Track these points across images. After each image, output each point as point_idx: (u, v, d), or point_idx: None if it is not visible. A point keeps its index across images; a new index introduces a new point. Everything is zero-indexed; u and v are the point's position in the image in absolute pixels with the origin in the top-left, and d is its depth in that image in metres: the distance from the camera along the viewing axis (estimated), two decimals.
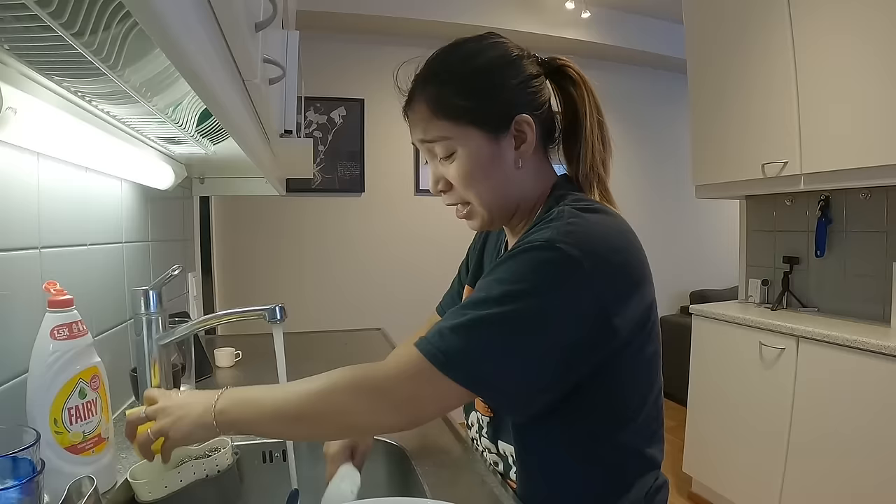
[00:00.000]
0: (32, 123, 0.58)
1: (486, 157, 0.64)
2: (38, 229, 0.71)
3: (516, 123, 0.64)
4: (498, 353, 0.55)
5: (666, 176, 3.67)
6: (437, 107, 0.64)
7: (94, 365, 0.63)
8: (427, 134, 0.65)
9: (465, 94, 0.63)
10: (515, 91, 0.64)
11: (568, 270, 0.54)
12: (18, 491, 0.45)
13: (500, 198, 0.67)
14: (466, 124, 0.63)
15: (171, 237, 1.45)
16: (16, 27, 0.40)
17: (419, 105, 0.66)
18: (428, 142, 0.66)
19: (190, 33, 0.36)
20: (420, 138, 0.67)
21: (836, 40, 1.70)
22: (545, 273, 0.55)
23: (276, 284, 2.99)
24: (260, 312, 0.76)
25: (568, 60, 0.68)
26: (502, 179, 0.66)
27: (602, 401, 0.62)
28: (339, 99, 3.07)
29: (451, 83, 0.64)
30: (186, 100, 0.66)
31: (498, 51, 0.65)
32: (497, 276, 0.57)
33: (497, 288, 0.56)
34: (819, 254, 2.04)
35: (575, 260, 0.54)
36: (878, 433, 1.50)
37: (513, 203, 0.68)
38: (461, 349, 0.55)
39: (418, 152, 3.19)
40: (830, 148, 1.73)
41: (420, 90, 0.66)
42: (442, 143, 0.64)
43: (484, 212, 0.67)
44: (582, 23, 3.17)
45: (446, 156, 0.65)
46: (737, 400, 1.99)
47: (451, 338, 0.55)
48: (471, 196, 0.66)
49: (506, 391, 0.56)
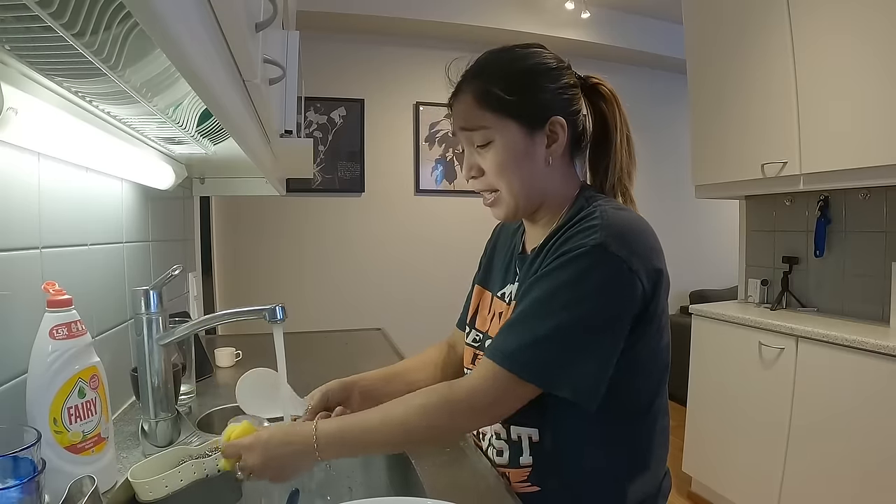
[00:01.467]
0: (33, 124, 0.58)
1: (520, 150, 0.70)
2: (39, 229, 0.71)
3: (550, 123, 0.70)
4: (577, 356, 0.62)
5: (665, 176, 3.67)
6: (483, 98, 0.70)
7: (93, 364, 0.63)
8: (469, 122, 0.71)
9: (509, 90, 0.69)
10: (553, 94, 0.70)
11: (620, 272, 0.62)
12: (19, 490, 0.45)
13: (527, 189, 0.71)
14: (506, 117, 0.69)
15: (172, 237, 1.45)
16: (17, 28, 0.40)
17: (465, 96, 0.71)
18: (469, 129, 0.71)
19: (190, 34, 0.36)
20: (462, 126, 0.72)
21: (835, 41, 1.70)
22: (603, 276, 0.62)
23: (276, 284, 3.00)
24: (260, 312, 0.76)
25: (601, 79, 0.76)
26: (532, 173, 0.71)
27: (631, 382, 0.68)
28: (339, 99, 3.07)
29: (498, 79, 0.70)
30: (187, 100, 0.66)
31: (542, 58, 0.72)
32: (561, 281, 0.63)
33: (563, 294, 0.62)
34: (818, 254, 2.04)
35: (625, 261, 0.61)
36: (878, 433, 1.50)
37: (538, 198, 0.73)
38: (547, 362, 0.62)
39: (418, 152, 3.20)
40: (830, 148, 1.73)
41: (468, 83, 0.72)
42: (482, 131, 0.70)
43: (511, 200, 0.72)
44: (582, 23, 3.18)
45: (483, 144, 0.70)
46: (736, 399, 1.99)
47: (534, 350, 0.62)
48: (501, 184, 0.71)
49: (586, 387, 0.63)
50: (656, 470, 0.73)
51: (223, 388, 1.20)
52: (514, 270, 0.80)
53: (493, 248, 0.90)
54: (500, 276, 0.83)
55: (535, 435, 0.70)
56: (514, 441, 0.73)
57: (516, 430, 0.72)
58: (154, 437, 0.80)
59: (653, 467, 0.72)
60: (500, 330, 0.68)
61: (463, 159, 0.75)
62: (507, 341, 0.64)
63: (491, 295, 0.84)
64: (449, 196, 3.29)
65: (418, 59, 3.19)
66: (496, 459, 0.76)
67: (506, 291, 0.80)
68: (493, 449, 0.76)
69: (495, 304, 0.82)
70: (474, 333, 0.85)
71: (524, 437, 0.71)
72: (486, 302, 0.85)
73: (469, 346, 0.85)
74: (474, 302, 0.87)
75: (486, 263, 0.89)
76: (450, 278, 3.04)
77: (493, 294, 0.83)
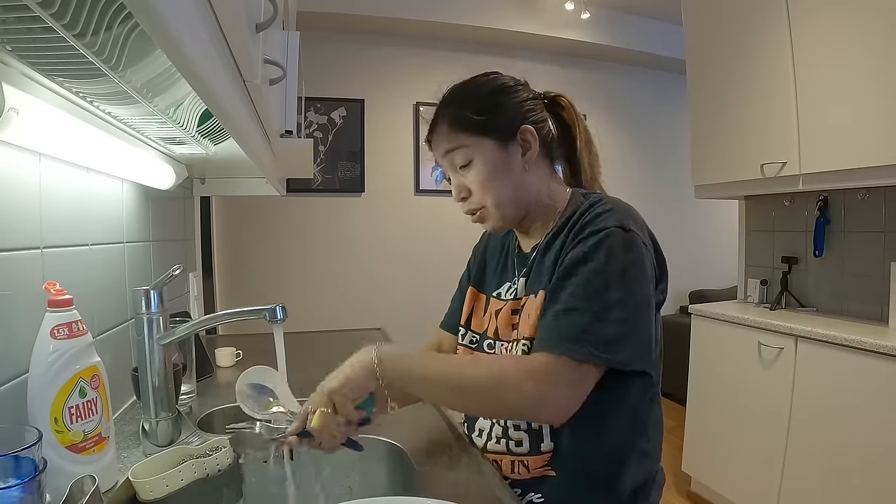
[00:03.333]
0: (34, 124, 0.58)
1: (498, 162, 0.76)
2: (40, 229, 0.71)
3: (521, 132, 0.77)
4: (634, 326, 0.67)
5: (665, 176, 3.67)
6: (457, 122, 0.77)
7: (93, 364, 0.63)
8: (449, 144, 0.78)
9: (478, 111, 0.76)
10: (517, 107, 0.78)
11: (640, 247, 0.69)
12: (21, 490, 0.45)
13: (512, 199, 0.77)
14: (481, 135, 0.76)
15: (172, 237, 1.45)
16: (18, 28, 0.41)
17: (442, 126, 0.79)
18: (450, 151, 0.78)
19: (191, 34, 0.36)
20: (443, 151, 0.79)
21: (834, 42, 1.71)
22: (631, 251, 0.68)
23: (276, 284, 3.00)
24: (260, 312, 0.77)
25: (560, 93, 0.84)
26: (513, 182, 0.77)
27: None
28: (339, 99, 3.07)
29: (467, 104, 0.77)
30: (187, 100, 0.66)
31: (501, 80, 0.80)
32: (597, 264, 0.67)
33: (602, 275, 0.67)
34: (817, 254, 2.04)
35: (641, 237, 0.69)
36: (877, 432, 1.50)
37: (523, 205, 0.79)
38: (611, 339, 0.65)
39: (418, 152, 3.21)
40: (829, 148, 1.73)
41: (442, 115, 0.79)
42: (461, 151, 0.77)
43: (497, 212, 0.78)
44: (581, 23, 3.18)
45: (465, 164, 0.77)
46: (736, 399, 1.99)
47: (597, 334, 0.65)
48: (487, 199, 0.77)
49: (648, 352, 0.69)
50: (656, 455, 0.78)
51: (224, 387, 1.20)
52: (511, 269, 0.83)
53: (483, 252, 0.93)
54: (496, 277, 0.86)
55: None
56: (535, 430, 0.75)
57: None
58: (155, 436, 0.80)
59: (654, 452, 0.76)
60: (544, 324, 0.69)
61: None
62: (564, 331, 0.66)
63: (486, 297, 0.87)
64: (449, 196, 3.25)
65: (418, 59, 3.19)
66: (515, 450, 0.76)
67: (502, 290, 0.83)
68: (512, 441, 0.77)
69: (492, 304, 0.84)
70: (470, 335, 0.86)
71: (545, 425, 0.74)
72: (480, 304, 0.87)
73: (466, 347, 0.86)
74: (468, 304, 0.89)
75: (478, 266, 0.92)
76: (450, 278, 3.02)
77: (489, 295, 0.86)
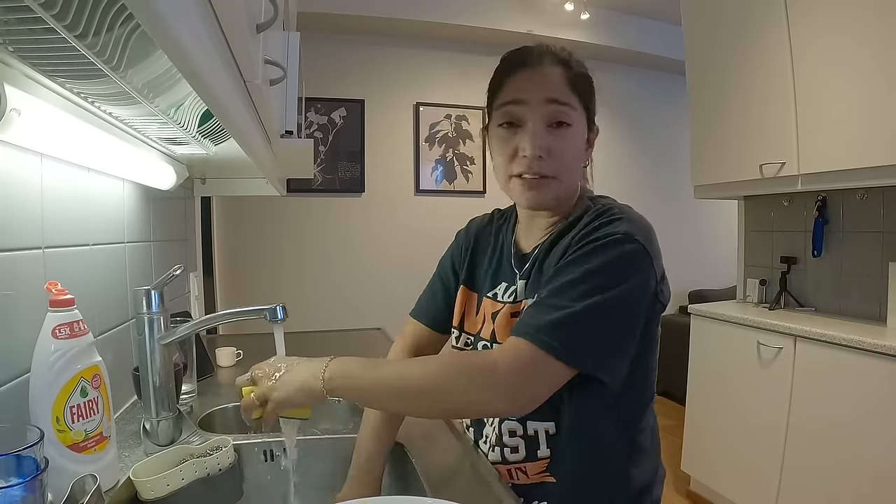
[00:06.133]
0: (36, 124, 0.58)
1: (582, 143, 0.74)
2: (42, 229, 0.71)
3: (595, 128, 0.76)
4: (608, 337, 0.64)
5: (664, 176, 3.68)
6: (573, 80, 0.72)
7: (95, 364, 0.64)
8: (560, 95, 0.70)
9: (587, 87, 0.74)
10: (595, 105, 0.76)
11: (644, 258, 0.66)
12: (22, 489, 0.45)
13: (574, 184, 0.76)
14: (583, 108, 0.73)
15: (173, 237, 1.45)
16: (20, 29, 0.41)
17: (555, 70, 0.71)
18: (559, 103, 0.70)
19: (191, 35, 0.36)
20: (552, 97, 0.70)
21: (832, 43, 1.71)
22: (631, 262, 0.65)
23: (276, 284, 3.00)
24: (261, 312, 0.77)
25: None
26: (579, 166, 0.76)
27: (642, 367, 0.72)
28: (339, 100, 3.07)
29: (584, 72, 0.74)
30: (188, 101, 0.66)
31: None
32: (592, 266, 0.64)
33: (593, 278, 0.64)
34: (816, 254, 2.05)
35: (646, 249, 0.66)
36: (875, 431, 1.50)
37: (572, 193, 0.76)
38: (580, 340, 0.62)
39: (418, 152, 3.20)
40: (827, 148, 1.73)
41: (557, 62, 0.72)
42: (568, 110, 0.70)
43: (561, 189, 0.73)
44: (581, 24, 3.18)
45: (561, 124, 0.70)
46: (735, 399, 2.00)
47: (567, 330, 0.62)
48: (564, 171, 0.72)
49: (615, 366, 0.66)
50: (655, 456, 0.77)
51: (224, 387, 1.20)
52: (508, 270, 0.79)
53: (471, 249, 0.86)
54: (489, 276, 0.81)
55: (552, 428, 0.72)
56: (531, 436, 0.73)
57: (532, 425, 0.73)
58: (156, 436, 0.81)
59: (652, 453, 0.76)
60: (526, 310, 0.68)
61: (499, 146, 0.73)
62: (537, 319, 0.64)
63: (478, 296, 0.82)
64: (449, 196, 3.29)
65: (418, 59, 3.19)
66: (510, 457, 0.75)
67: (499, 292, 0.79)
68: (506, 448, 0.75)
69: (485, 304, 0.80)
70: (465, 337, 0.83)
71: (541, 431, 0.72)
72: (472, 303, 0.83)
73: (461, 349, 0.83)
74: (460, 304, 0.84)
75: (468, 265, 0.86)
76: None
77: (482, 295, 0.81)
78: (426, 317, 0.88)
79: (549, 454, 0.72)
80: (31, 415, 0.59)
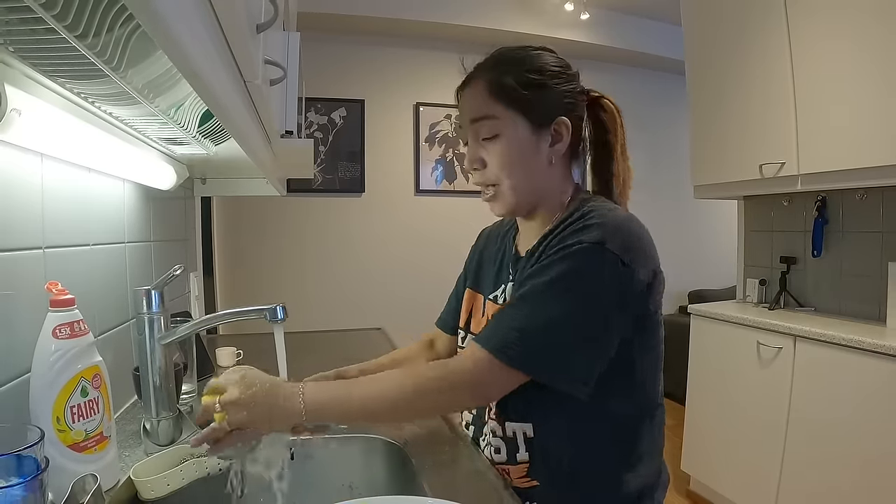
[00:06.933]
0: (36, 125, 0.58)
1: (525, 145, 0.71)
2: (42, 229, 0.71)
3: (556, 123, 0.72)
4: (565, 347, 0.63)
5: (664, 176, 3.67)
6: (495, 89, 0.71)
7: (95, 364, 0.64)
8: (479, 112, 0.71)
9: (522, 85, 0.70)
10: (562, 96, 0.72)
11: (617, 268, 0.62)
12: (23, 488, 0.45)
13: (528, 186, 0.73)
14: (517, 111, 0.70)
15: (173, 237, 1.45)
16: (21, 29, 0.41)
17: (477, 86, 0.72)
18: (478, 120, 0.72)
19: (192, 35, 0.36)
20: (471, 116, 0.72)
21: (832, 45, 1.71)
22: (601, 271, 0.63)
23: (276, 284, 3.00)
24: (261, 312, 0.77)
25: (605, 94, 0.78)
26: (534, 170, 0.72)
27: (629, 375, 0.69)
28: (339, 100, 3.08)
29: (512, 73, 0.71)
30: (188, 101, 0.66)
31: (554, 61, 0.74)
32: (557, 274, 0.63)
33: (558, 286, 0.63)
34: (816, 254, 2.05)
35: (622, 258, 0.63)
36: (875, 432, 1.50)
37: (537, 196, 0.74)
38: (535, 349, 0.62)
39: (418, 152, 3.21)
40: (827, 149, 1.73)
41: (481, 74, 0.72)
42: (491, 122, 0.71)
43: (511, 196, 0.73)
44: (581, 24, 3.18)
45: (490, 136, 0.71)
46: (735, 398, 2.00)
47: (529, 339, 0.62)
48: (504, 178, 0.72)
49: (573, 375, 0.64)
50: (654, 461, 0.74)
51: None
52: (507, 272, 0.81)
53: (481, 252, 0.91)
54: (492, 279, 0.83)
55: (530, 430, 0.71)
56: (510, 438, 0.73)
57: (511, 426, 0.73)
58: (156, 435, 0.81)
59: (649, 458, 0.73)
60: (493, 315, 0.69)
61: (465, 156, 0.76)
62: (495, 327, 0.65)
63: (483, 298, 0.84)
64: (449, 196, 3.29)
65: (418, 59, 3.19)
66: (495, 457, 0.76)
67: (498, 293, 0.80)
68: (491, 447, 0.77)
69: (488, 307, 0.82)
70: (470, 338, 0.85)
71: (519, 434, 0.72)
72: (478, 305, 0.85)
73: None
74: (466, 306, 0.87)
75: (475, 267, 0.90)
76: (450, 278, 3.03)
77: (486, 297, 0.84)
78: (445, 324, 0.94)
79: (528, 458, 0.72)
80: (32, 414, 0.59)
